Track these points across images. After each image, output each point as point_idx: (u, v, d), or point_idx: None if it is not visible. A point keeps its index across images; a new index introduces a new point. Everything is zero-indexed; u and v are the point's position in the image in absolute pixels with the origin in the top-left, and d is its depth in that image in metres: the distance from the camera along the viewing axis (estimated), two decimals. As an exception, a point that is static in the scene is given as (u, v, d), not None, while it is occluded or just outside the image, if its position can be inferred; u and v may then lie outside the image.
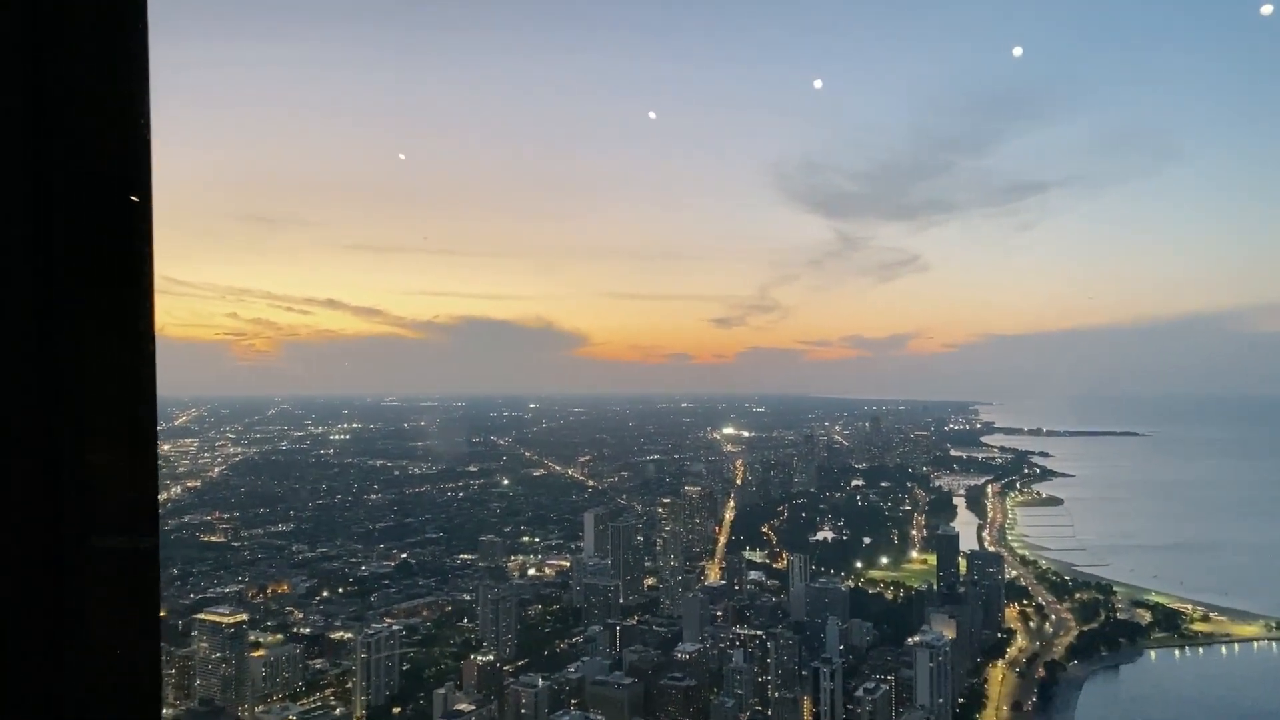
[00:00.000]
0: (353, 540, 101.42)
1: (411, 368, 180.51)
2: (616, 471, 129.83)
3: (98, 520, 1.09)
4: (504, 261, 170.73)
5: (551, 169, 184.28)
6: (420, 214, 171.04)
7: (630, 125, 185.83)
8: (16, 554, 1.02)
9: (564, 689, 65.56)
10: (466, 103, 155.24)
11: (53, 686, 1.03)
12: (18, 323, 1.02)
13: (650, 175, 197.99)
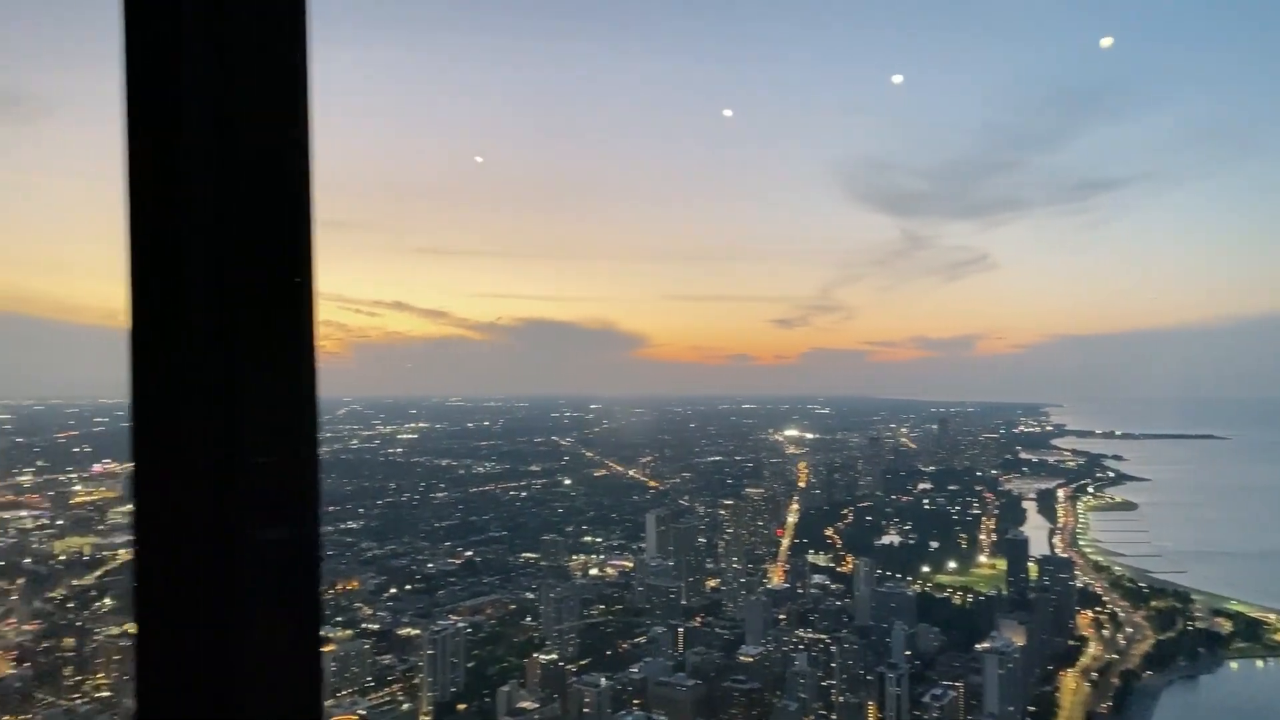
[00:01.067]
0: (420, 538, 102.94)
1: (476, 368, 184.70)
2: (678, 473, 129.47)
3: (267, 513, 1.16)
4: (566, 264, 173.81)
5: (618, 171, 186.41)
6: (487, 217, 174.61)
7: (702, 124, 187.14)
8: (201, 546, 1.10)
9: (626, 689, 65.79)
10: (539, 106, 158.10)
11: (227, 665, 1.10)
12: (201, 324, 1.09)
13: (716, 175, 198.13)
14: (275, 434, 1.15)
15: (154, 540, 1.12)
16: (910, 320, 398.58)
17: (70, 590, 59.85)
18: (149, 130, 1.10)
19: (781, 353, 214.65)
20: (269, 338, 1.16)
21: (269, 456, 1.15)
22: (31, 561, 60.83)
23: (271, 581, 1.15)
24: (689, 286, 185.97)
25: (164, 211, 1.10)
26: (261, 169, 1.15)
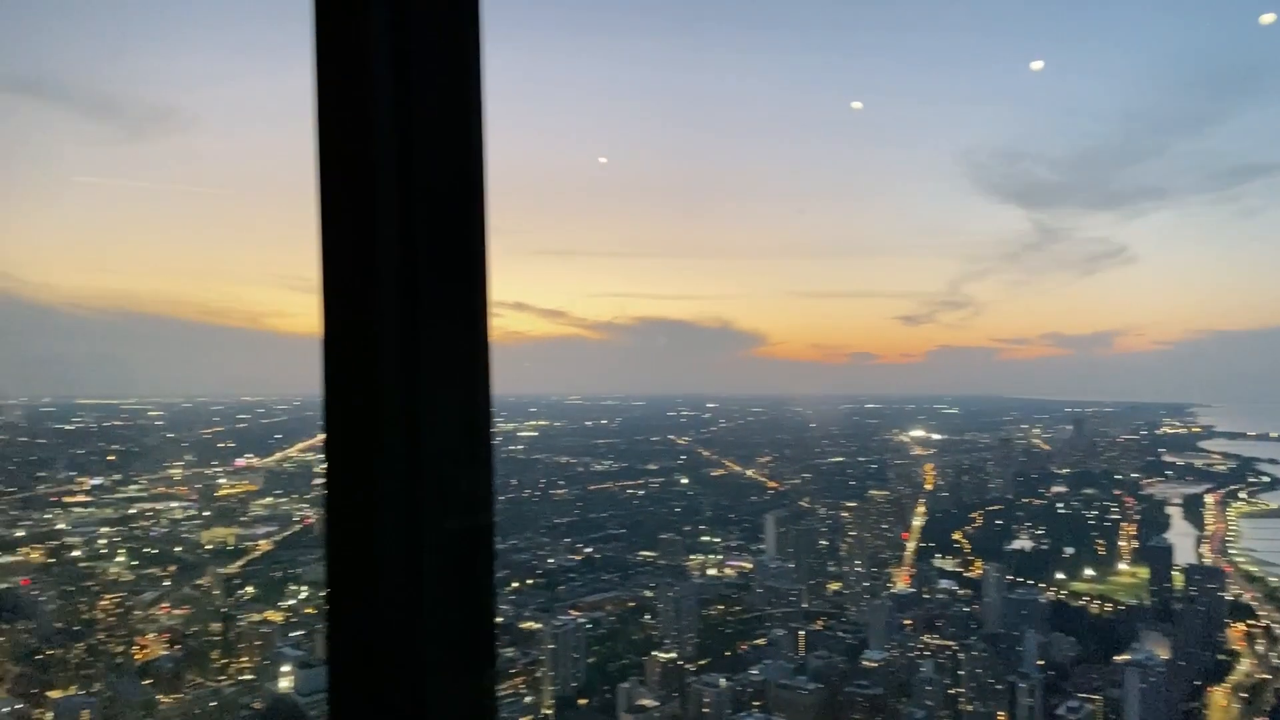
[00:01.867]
0: (540, 533, 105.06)
1: (593, 367, 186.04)
2: (798, 473, 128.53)
3: (448, 503, 1.21)
4: (684, 262, 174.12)
5: (740, 168, 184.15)
6: (608, 218, 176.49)
7: (828, 118, 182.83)
8: (391, 534, 1.14)
9: (746, 690, 65.47)
10: (663, 106, 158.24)
11: (415, 645, 1.16)
12: (389, 328, 1.14)
13: (841, 169, 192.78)
14: (456, 432, 1.21)
15: (346, 530, 1.18)
16: (1043, 316, 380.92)
17: (215, 578, 63.58)
18: (339, 141, 1.16)
19: (906, 351, 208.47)
20: (449, 339, 1.21)
21: (450, 452, 1.21)
22: (181, 550, 64.84)
23: (454, 567, 1.21)
24: (809, 283, 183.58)
25: (354, 220, 1.15)
26: (441, 176, 1.20)
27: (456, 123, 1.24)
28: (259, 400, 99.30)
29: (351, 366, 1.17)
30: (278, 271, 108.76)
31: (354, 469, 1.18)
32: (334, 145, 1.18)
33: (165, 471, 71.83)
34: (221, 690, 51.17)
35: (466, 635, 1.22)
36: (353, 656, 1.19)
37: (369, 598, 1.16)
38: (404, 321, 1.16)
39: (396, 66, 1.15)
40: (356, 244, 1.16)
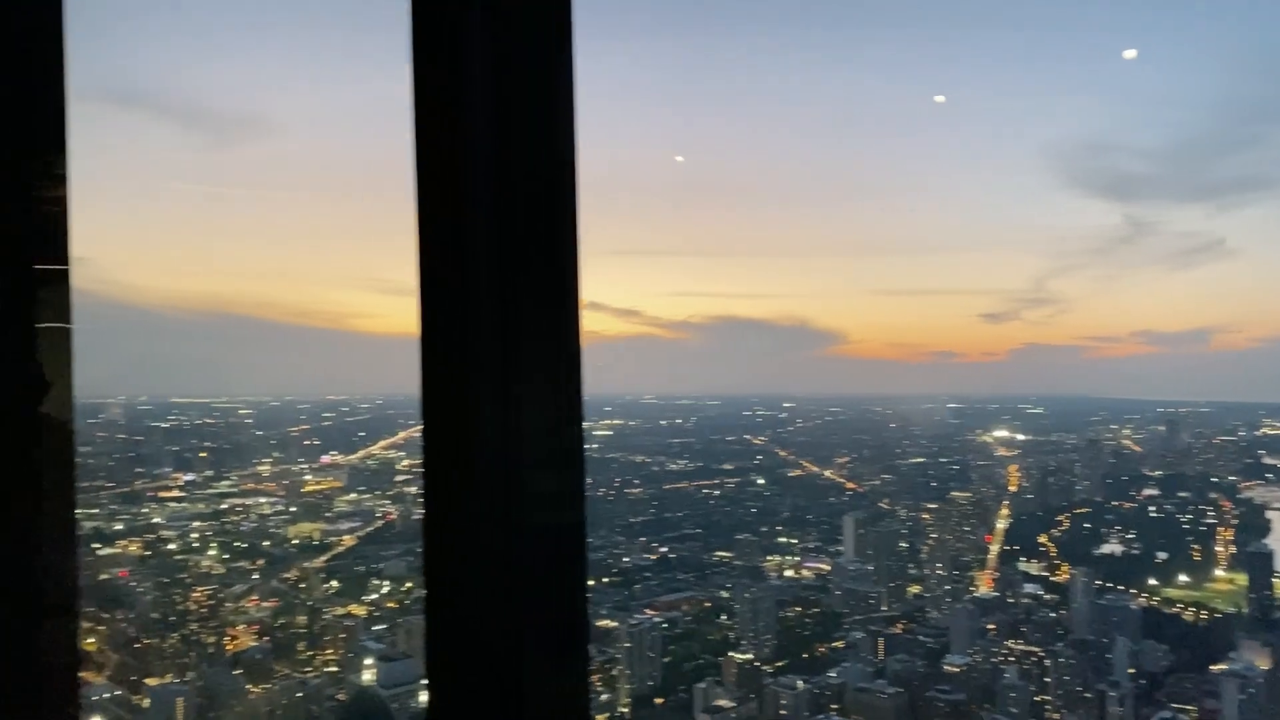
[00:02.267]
0: (615, 532, 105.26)
1: (668, 366, 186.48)
2: (877, 474, 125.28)
3: (540, 500, 1.26)
4: (760, 260, 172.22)
5: (819, 165, 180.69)
6: (684, 216, 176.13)
7: (910, 112, 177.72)
8: (489, 529, 1.21)
9: (824, 693, 64.67)
10: (742, 104, 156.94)
11: (507, 640, 1.21)
12: (485, 330, 1.20)
13: (922, 164, 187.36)
14: (548, 430, 1.26)
15: (444, 525, 1.25)
16: (1133, 313, 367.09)
17: (302, 572, 65.53)
18: (436, 144, 1.23)
19: (989, 349, 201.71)
20: (541, 339, 1.26)
21: (542, 450, 1.26)
22: (269, 544, 67.10)
23: (548, 562, 1.26)
24: (888, 280, 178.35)
25: (450, 223, 1.22)
26: (534, 179, 1.25)
27: (548, 125, 1.27)
28: (343, 399, 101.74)
29: (448, 367, 1.22)
30: (361, 274, 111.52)
31: (451, 467, 1.23)
32: (431, 149, 1.23)
33: (255, 468, 74.34)
34: (308, 681, 52.72)
35: (560, 630, 1.27)
36: (450, 649, 1.24)
37: (466, 592, 1.22)
38: (498, 323, 1.20)
39: (493, 71, 1.20)
40: (452, 247, 1.21)
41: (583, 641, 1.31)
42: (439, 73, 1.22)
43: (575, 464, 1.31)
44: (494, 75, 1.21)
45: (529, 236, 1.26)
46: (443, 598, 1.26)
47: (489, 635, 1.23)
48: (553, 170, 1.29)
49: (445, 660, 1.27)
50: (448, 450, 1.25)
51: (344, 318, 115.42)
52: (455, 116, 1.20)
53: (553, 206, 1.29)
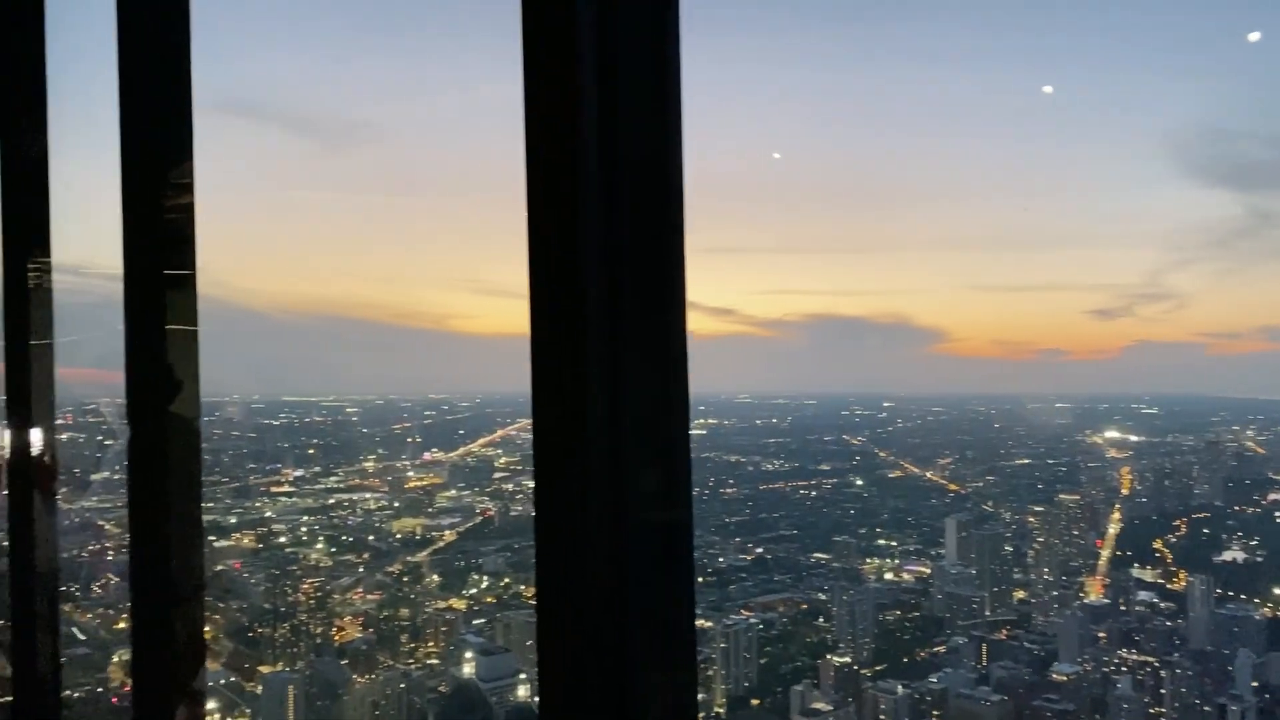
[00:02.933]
0: (710, 532, 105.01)
1: (763, 365, 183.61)
2: (981, 476, 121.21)
3: (648, 497, 1.33)
4: (858, 257, 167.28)
5: (922, 159, 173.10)
6: (780, 213, 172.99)
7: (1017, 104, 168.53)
8: (599, 526, 1.27)
9: (924, 699, 63.09)
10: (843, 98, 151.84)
11: (615, 637, 1.28)
12: (595, 326, 1.27)
13: (1029, 156, 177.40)
14: (656, 428, 1.33)
15: (555, 525, 1.30)
16: (1257, 308, 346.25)
17: (404, 566, 67.23)
18: (549, 144, 1.28)
19: (1100, 346, 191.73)
20: (650, 338, 1.33)
21: (650, 448, 1.33)
22: (374, 539, 69.06)
23: (655, 560, 1.32)
24: (993, 276, 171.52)
25: (561, 222, 1.27)
26: (642, 181, 1.31)
27: (657, 122, 1.32)
28: (444, 398, 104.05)
29: (558, 367, 1.28)
30: (460, 275, 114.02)
31: (562, 464, 1.29)
32: (543, 148, 1.29)
33: (360, 464, 76.70)
34: (410, 673, 54.08)
35: (667, 628, 1.32)
36: (560, 648, 1.31)
37: (576, 590, 1.27)
38: (607, 322, 1.27)
39: (602, 68, 1.25)
40: (563, 248, 1.27)
41: (689, 641, 1.36)
42: (552, 72, 1.27)
43: (682, 462, 1.36)
44: (603, 73, 1.26)
45: (637, 235, 1.31)
46: (553, 596, 1.32)
47: (597, 634, 1.27)
48: (660, 168, 1.34)
49: (555, 658, 1.32)
50: (558, 450, 1.30)
51: (445, 319, 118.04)
52: (568, 115, 1.25)
53: (660, 204, 1.34)
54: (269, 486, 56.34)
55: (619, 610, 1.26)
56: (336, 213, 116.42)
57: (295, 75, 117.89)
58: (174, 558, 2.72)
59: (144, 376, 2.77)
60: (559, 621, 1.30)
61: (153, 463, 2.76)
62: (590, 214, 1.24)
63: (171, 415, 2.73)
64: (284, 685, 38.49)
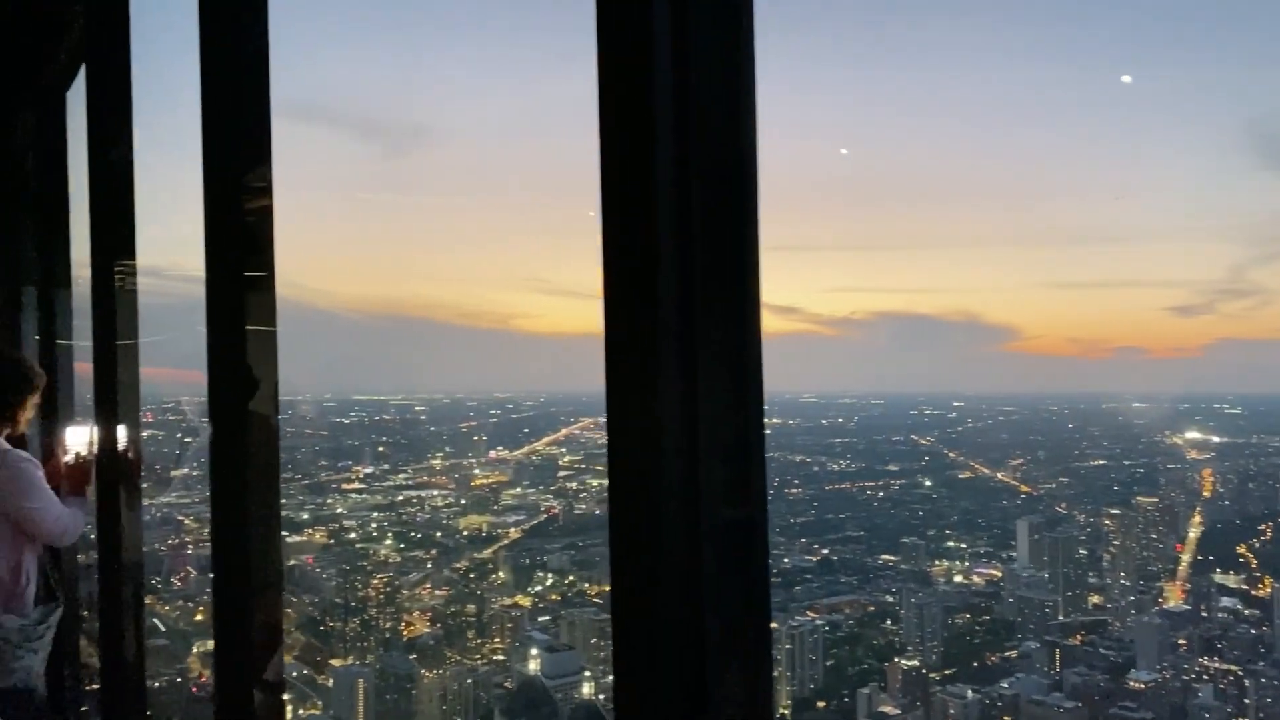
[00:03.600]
0: (775, 533, 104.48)
1: (828, 364, 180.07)
2: (1054, 477, 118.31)
3: (723, 494, 1.30)
4: (924, 254, 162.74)
5: (993, 154, 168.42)
6: (847, 210, 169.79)
7: (1093, 95, 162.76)
8: (673, 523, 1.25)
9: (995, 704, 61.85)
10: (907, 92, 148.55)
11: (692, 634, 1.26)
12: (670, 325, 1.25)
13: (1105, 148, 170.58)
14: (729, 428, 1.30)
15: (629, 523, 1.30)
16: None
17: (471, 562, 68.15)
18: (623, 145, 1.28)
19: (1179, 344, 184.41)
20: (724, 337, 1.31)
21: (725, 446, 1.30)
22: (441, 535, 70.22)
23: (731, 557, 1.30)
24: (1067, 273, 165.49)
25: (636, 225, 1.26)
26: (717, 181, 1.29)
27: (732, 120, 1.31)
28: (508, 397, 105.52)
29: (634, 365, 1.28)
30: (523, 275, 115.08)
31: (637, 462, 1.28)
32: (617, 150, 1.29)
33: (428, 462, 78.06)
34: (477, 669, 54.78)
35: (743, 626, 1.31)
36: (635, 647, 1.30)
37: (651, 589, 1.26)
38: (682, 321, 1.26)
39: (677, 65, 1.24)
40: (638, 247, 1.27)
41: (765, 640, 1.34)
42: (627, 68, 1.27)
43: (756, 461, 1.34)
44: (678, 70, 1.25)
45: (712, 238, 1.30)
46: (629, 595, 1.32)
47: (673, 633, 1.27)
48: (735, 165, 1.33)
49: (630, 658, 1.32)
50: (633, 450, 1.30)
51: (508, 318, 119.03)
52: (644, 113, 1.24)
53: (735, 202, 1.33)
54: (340, 483, 57.60)
55: (695, 609, 1.25)
56: (402, 214, 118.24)
57: (360, 80, 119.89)
58: (254, 549, 2.79)
59: (225, 375, 2.85)
60: (634, 621, 1.30)
61: (234, 458, 2.84)
62: (665, 210, 1.24)
63: (251, 413, 2.80)
64: (354, 679, 39.32)
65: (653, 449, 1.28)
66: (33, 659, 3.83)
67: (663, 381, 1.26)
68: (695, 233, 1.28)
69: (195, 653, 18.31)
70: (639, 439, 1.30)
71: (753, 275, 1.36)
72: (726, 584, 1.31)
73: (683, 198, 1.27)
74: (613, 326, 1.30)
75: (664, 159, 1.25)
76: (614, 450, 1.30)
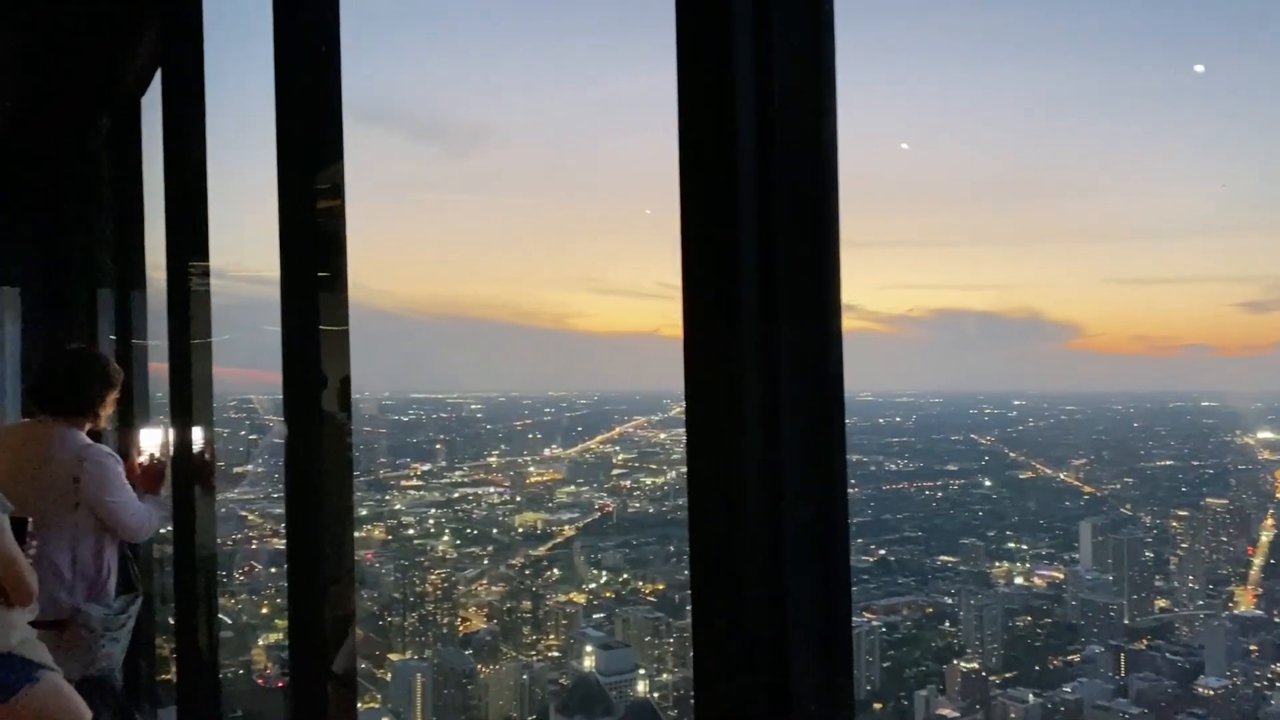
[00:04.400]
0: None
1: (885, 362, 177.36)
2: (1118, 478, 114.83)
3: (801, 489, 1.28)
4: (983, 250, 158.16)
5: (1058, 147, 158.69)
6: (905, 206, 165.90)
7: (1161, 86, 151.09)
8: (753, 521, 1.24)
9: (1058, 709, 60.58)
10: (967, 84, 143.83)
11: (780, 630, 1.25)
12: (750, 323, 1.24)
13: (1177, 138, 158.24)
14: (807, 426, 1.28)
15: (709, 521, 1.29)
16: None
17: (526, 559, 68.77)
18: (704, 143, 1.26)
19: (1251, 342, 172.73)
20: (804, 334, 1.29)
21: (804, 443, 1.28)
22: (497, 531, 71.08)
23: (810, 554, 1.28)
24: (1133, 268, 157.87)
25: (717, 222, 1.24)
26: (798, 177, 1.27)
27: (812, 116, 1.29)
28: (562, 395, 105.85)
29: (714, 362, 1.27)
30: (578, 275, 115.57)
31: (718, 459, 1.27)
32: (698, 147, 1.28)
33: (484, 459, 79.05)
34: (532, 665, 55.19)
35: (824, 623, 1.30)
36: (717, 645, 1.30)
37: (733, 582, 1.25)
38: (764, 319, 1.25)
39: (759, 61, 1.23)
40: (719, 245, 1.25)
41: (846, 637, 1.33)
42: (709, 66, 1.25)
43: (837, 459, 1.33)
44: (759, 66, 1.24)
45: (792, 233, 1.28)
46: (709, 593, 1.31)
47: (754, 630, 1.26)
48: (816, 166, 1.31)
49: (712, 655, 1.31)
50: (714, 444, 1.29)
51: (563, 318, 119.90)
52: (726, 111, 1.23)
53: (816, 203, 1.31)
54: (398, 480, 58.38)
55: (776, 607, 1.25)
56: (461, 215, 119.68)
57: (417, 82, 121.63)
58: (327, 543, 2.85)
59: (299, 374, 2.91)
60: (715, 618, 1.30)
61: (308, 455, 2.89)
62: (746, 213, 1.23)
63: (324, 410, 2.86)
64: (412, 673, 39.74)
65: (733, 449, 1.27)
66: (114, 648, 3.96)
67: (742, 383, 1.26)
68: (776, 234, 1.28)
69: (260, 645, 18.69)
70: (719, 438, 1.29)
71: (833, 277, 1.35)
72: (807, 582, 1.30)
73: (763, 199, 1.27)
74: (692, 327, 1.30)
75: (745, 158, 1.24)
76: (693, 449, 1.30)
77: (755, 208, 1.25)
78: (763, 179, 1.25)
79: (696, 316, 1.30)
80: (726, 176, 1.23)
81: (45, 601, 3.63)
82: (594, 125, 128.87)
